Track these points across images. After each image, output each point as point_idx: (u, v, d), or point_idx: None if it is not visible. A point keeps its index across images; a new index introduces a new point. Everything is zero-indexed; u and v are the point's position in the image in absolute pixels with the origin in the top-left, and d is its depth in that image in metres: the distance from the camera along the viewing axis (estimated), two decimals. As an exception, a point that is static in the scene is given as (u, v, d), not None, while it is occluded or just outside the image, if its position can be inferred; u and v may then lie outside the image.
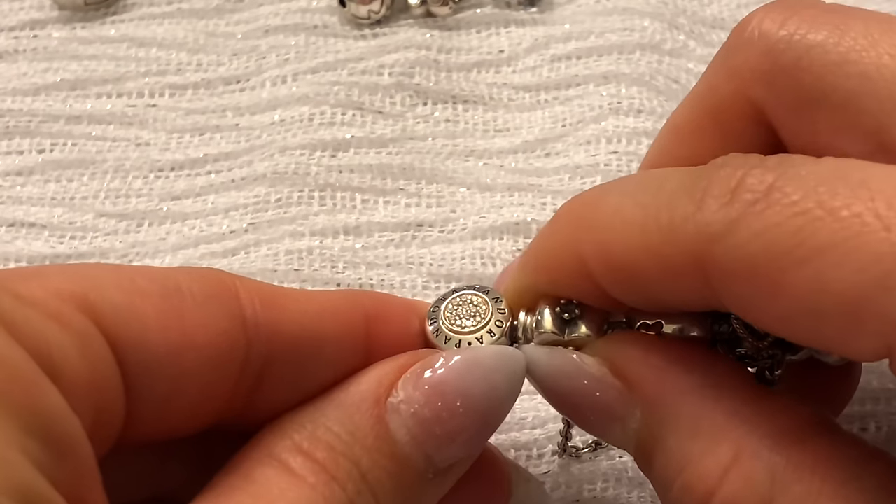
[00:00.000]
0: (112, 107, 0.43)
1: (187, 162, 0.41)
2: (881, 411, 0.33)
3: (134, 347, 0.21)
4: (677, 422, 0.23)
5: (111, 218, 0.40)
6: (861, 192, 0.20)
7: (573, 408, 0.26)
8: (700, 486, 0.22)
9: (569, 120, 0.42)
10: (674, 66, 0.43)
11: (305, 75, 0.43)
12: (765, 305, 0.21)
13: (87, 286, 0.21)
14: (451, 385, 0.24)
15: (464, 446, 0.25)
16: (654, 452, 0.24)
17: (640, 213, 0.23)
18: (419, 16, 0.45)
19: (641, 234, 0.23)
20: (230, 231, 0.39)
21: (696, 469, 0.23)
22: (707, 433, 0.23)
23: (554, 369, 0.26)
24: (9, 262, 0.38)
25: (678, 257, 0.22)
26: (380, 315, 0.26)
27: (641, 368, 0.25)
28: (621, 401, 0.25)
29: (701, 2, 0.46)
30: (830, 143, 0.24)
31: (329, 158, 0.40)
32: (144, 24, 0.45)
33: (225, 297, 0.23)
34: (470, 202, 0.39)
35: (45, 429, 0.18)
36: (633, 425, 0.24)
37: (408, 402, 0.24)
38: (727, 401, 0.23)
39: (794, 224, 0.20)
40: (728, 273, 0.21)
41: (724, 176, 0.22)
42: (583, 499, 0.32)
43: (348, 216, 0.39)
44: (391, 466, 0.24)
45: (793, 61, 0.24)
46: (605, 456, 0.32)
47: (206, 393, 0.23)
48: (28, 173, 0.41)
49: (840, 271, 0.19)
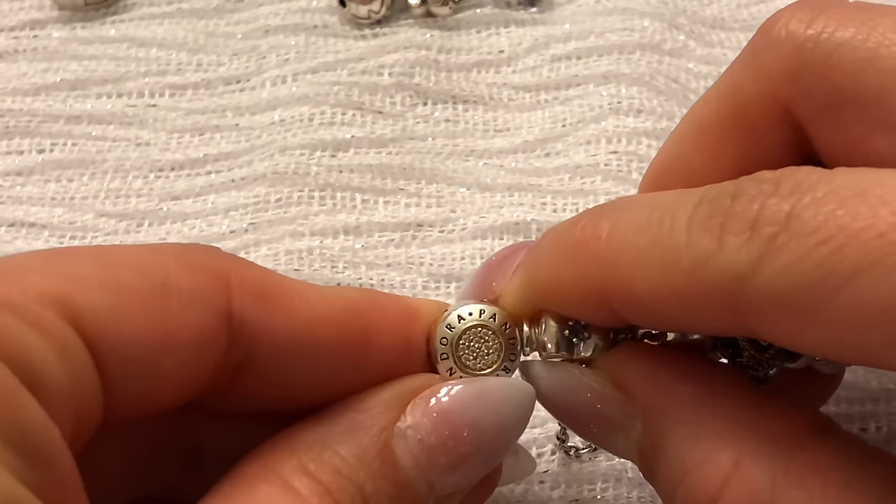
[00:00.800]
0: (112, 107, 0.43)
1: (187, 162, 0.41)
2: (881, 411, 0.33)
3: (114, 350, 0.21)
4: (678, 430, 0.23)
5: (111, 218, 0.39)
6: (881, 210, 0.19)
7: (576, 420, 0.26)
8: (702, 495, 0.22)
9: (569, 120, 0.42)
10: (674, 66, 0.43)
11: (305, 75, 0.43)
12: (804, 334, 0.21)
13: (69, 287, 0.21)
14: (459, 414, 0.24)
15: (466, 476, 0.24)
16: (656, 462, 0.24)
17: (658, 253, 0.22)
18: (419, 16, 0.45)
19: (662, 275, 0.22)
20: (230, 231, 0.39)
21: (697, 477, 0.22)
22: (707, 441, 0.23)
23: (556, 384, 0.26)
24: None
25: (704, 297, 0.22)
26: (379, 323, 0.25)
27: (641, 380, 0.24)
28: (623, 412, 0.25)
29: (701, 2, 0.46)
30: (861, 140, 0.23)
31: (329, 158, 0.40)
32: (144, 24, 0.45)
33: (214, 292, 0.23)
34: (470, 202, 0.39)
35: (24, 440, 0.18)
36: (635, 436, 0.24)
37: (415, 429, 0.24)
38: (726, 408, 0.23)
39: (819, 254, 0.20)
40: (761, 309, 0.21)
41: (741, 210, 0.21)
42: (582, 499, 0.32)
43: (348, 216, 0.39)
44: (394, 492, 0.23)
45: (821, 60, 0.24)
46: (605, 456, 0.32)
47: (182, 386, 0.23)
48: (28, 173, 0.41)
49: (876, 292, 0.19)
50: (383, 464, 0.23)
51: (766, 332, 0.21)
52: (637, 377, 0.25)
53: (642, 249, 0.23)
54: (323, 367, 0.24)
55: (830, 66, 0.24)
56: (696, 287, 0.22)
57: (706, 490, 0.22)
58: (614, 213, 0.24)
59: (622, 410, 0.25)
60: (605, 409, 0.25)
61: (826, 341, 0.21)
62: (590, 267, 0.24)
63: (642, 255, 0.23)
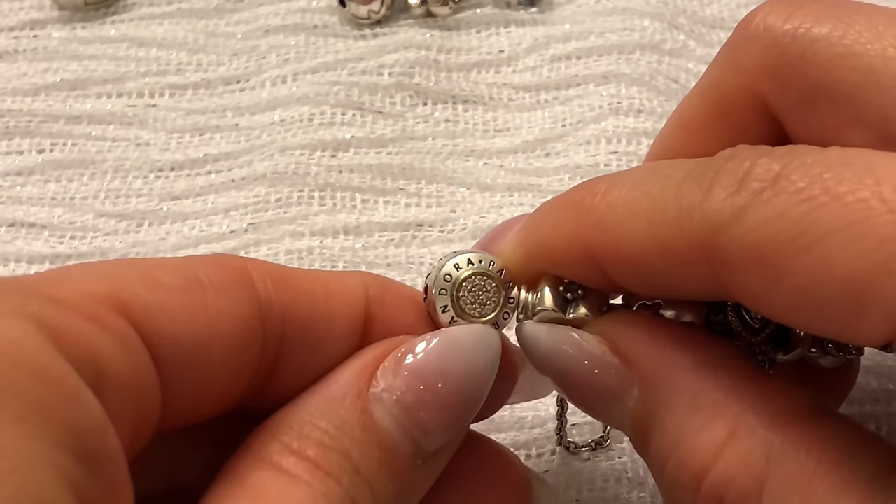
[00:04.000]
0: (112, 107, 0.43)
1: (187, 162, 0.41)
2: (881, 411, 0.33)
3: (166, 343, 0.21)
4: (676, 398, 0.23)
5: (111, 218, 0.40)
6: (866, 178, 0.20)
7: (571, 385, 0.26)
8: (695, 462, 0.22)
9: (569, 120, 0.42)
10: (674, 66, 0.43)
11: (305, 75, 0.43)
12: (770, 293, 0.21)
13: (115, 286, 0.21)
14: (431, 368, 0.24)
15: (449, 428, 0.25)
16: (650, 431, 0.24)
17: (648, 204, 0.23)
18: (419, 16, 0.45)
19: (649, 225, 0.23)
20: (230, 231, 0.39)
21: (692, 444, 0.23)
22: (704, 409, 0.23)
23: (553, 345, 0.26)
24: (9, 262, 0.38)
25: (686, 248, 0.22)
26: (382, 300, 0.26)
27: (640, 345, 0.25)
28: (619, 378, 0.25)
29: (701, 2, 0.46)
30: (836, 134, 0.24)
31: (329, 158, 0.40)
32: (144, 24, 0.45)
33: (241, 283, 0.23)
34: (470, 202, 0.39)
35: (81, 444, 0.18)
36: (630, 404, 0.24)
37: (389, 390, 0.24)
38: (725, 379, 0.23)
39: (799, 210, 0.20)
40: (734, 261, 0.21)
41: (732, 167, 0.22)
42: (583, 498, 0.32)
43: (348, 216, 0.39)
44: (381, 456, 0.24)
45: (798, 54, 0.24)
46: (605, 456, 0.32)
47: (231, 378, 0.23)
48: (28, 173, 0.41)
49: (844, 255, 0.19)
50: (365, 429, 0.23)
51: (737, 289, 0.22)
52: (636, 343, 0.25)
53: (633, 201, 0.23)
54: (338, 341, 0.25)
55: (806, 60, 0.24)
56: (680, 239, 0.22)
57: (699, 459, 0.22)
58: (613, 175, 0.25)
59: (619, 377, 0.25)
60: (601, 375, 0.25)
61: (789, 304, 0.21)
62: (583, 221, 0.24)
63: (632, 206, 0.23)
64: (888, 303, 0.19)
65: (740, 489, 0.22)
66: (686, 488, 0.23)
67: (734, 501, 0.22)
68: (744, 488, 0.22)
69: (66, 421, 0.18)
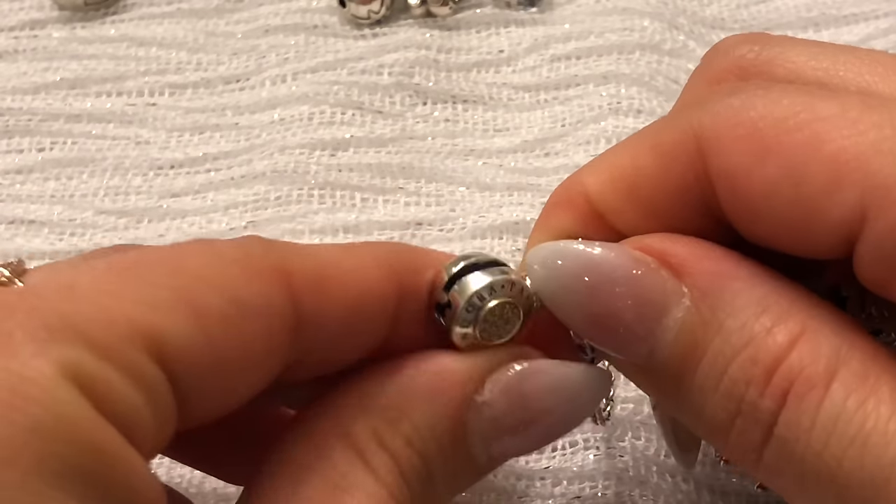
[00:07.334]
0: (112, 105, 0.43)
1: (187, 161, 0.41)
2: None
3: (193, 378, 0.21)
4: (741, 303, 0.23)
5: (111, 215, 0.39)
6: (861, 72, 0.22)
7: (605, 305, 0.24)
8: (767, 356, 0.22)
9: (568, 120, 0.42)
10: (673, 66, 0.43)
11: (305, 75, 0.43)
12: (750, 173, 0.22)
13: (152, 317, 0.20)
14: (537, 400, 0.24)
15: (525, 451, 0.25)
16: (707, 337, 0.23)
17: (636, 136, 0.25)
18: (419, 16, 0.45)
19: (637, 145, 0.24)
20: (230, 228, 0.39)
21: (763, 342, 0.22)
22: (773, 311, 0.22)
23: (595, 256, 0.24)
24: (8, 259, 0.38)
25: (673, 143, 0.23)
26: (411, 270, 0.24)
27: (694, 258, 0.24)
28: (667, 288, 0.23)
29: (701, 2, 0.46)
30: None
31: (329, 157, 0.40)
32: (144, 23, 0.45)
33: (278, 297, 0.22)
34: (469, 201, 0.39)
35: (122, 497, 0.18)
36: (679, 314, 0.23)
37: (490, 406, 0.24)
38: (788, 288, 0.23)
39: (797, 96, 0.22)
40: (724, 136, 0.22)
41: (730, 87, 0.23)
42: (584, 496, 0.32)
43: (348, 215, 0.39)
44: (457, 466, 0.24)
45: (766, 60, 0.25)
46: (606, 454, 0.32)
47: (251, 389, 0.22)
48: (28, 171, 0.41)
49: (839, 132, 0.21)
50: (454, 439, 0.23)
51: (721, 174, 0.23)
52: (689, 254, 0.24)
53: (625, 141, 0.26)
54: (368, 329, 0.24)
55: (775, 64, 0.25)
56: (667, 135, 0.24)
57: (773, 352, 0.22)
58: None
59: (667, 287, 0.23)
60: (649, 284, 0.23)
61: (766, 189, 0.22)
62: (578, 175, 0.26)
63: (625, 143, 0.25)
64: (865, 177, 0.20)
65: (808, 378, 0.22)
66: (755, 384, 0.22)
67: (801, 387, 0.22)
68: (812, 378, 0.22)
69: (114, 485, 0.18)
